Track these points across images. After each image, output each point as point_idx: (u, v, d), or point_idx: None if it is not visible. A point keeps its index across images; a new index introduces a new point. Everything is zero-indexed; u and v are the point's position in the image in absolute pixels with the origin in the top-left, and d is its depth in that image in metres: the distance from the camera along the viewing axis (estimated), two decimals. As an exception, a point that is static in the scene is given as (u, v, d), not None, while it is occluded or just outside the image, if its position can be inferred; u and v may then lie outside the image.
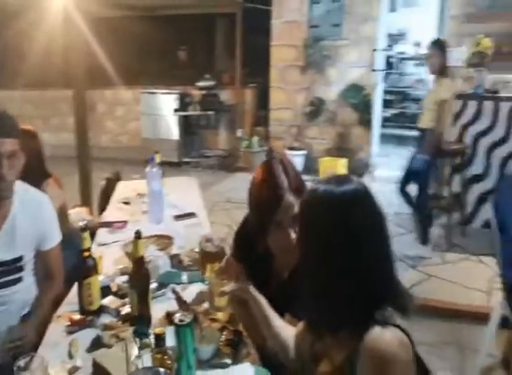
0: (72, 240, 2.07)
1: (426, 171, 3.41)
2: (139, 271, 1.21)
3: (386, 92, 6.43)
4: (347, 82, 5.46)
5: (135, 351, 1.11)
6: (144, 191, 2.41)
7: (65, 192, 2.15)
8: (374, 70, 5.28)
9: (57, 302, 1.53)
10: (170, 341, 1.10)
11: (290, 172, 1.17)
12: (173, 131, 6.20)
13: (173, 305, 1.37)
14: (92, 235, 1.83)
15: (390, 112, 7.31)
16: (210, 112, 6.16)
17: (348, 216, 0.85)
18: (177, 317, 1.03)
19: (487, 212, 1.97)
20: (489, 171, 3.62)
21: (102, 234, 1.98)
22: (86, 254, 1.27)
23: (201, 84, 6.22)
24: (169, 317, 1.27)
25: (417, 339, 0.87)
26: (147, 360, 1.09)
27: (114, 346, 1.14)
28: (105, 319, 1.30)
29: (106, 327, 1.23)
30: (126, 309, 1.31)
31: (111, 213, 2.27)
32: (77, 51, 3.44)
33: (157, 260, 1.52)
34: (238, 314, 1.23)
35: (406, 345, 0.83)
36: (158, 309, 1.31)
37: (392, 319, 0.85)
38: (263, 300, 1.12)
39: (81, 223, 1.31)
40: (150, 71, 6.88)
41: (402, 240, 3.49)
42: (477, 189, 3.67)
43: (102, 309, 1.32)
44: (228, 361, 1.12)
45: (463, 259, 3.24)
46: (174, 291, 1.43)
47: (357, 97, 5.39)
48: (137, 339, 1.15)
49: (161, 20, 6.30)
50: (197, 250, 1.69)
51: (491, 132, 3.58)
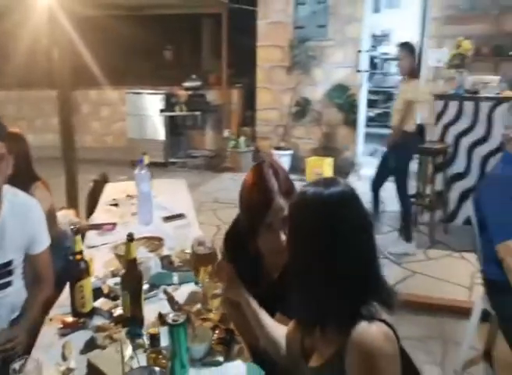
0: (60, 243, 2.07)
1: (401, 169, 3.46)
2: (131, 273, 1.23)
3: (371, 92, 6.53)
4: (333, 82, 5.53)
5: (129, 351, 1.13)
6: (133, 193, 2.42)
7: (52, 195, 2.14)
8: (359, 71, 5.36)
9: (46, 305, 1.54)
10: (163, 341, 1.12)
11: (280, 175, 1.20)
12: (159, 132, 6.18)
13: (165, 306, 1.39)
14: (81, 237, 1.83)
15: (375, 112, 7.42)
16: (196, 113, 6.15)
17: (336, 217, 0.89)
18: (170, 317, 1.05)
19: (468, 210, 2.03)
20: (470, 169, 3.73)
21: (91, 237, 1.98)
22: (78, 257, 1.28)
23: (188, 85, 6.21)
24: (162, 318, 1.29)
25: (402, 334, 0.91)
26: (141, 360, 1.11)
27: (108, 347, 1.16)
28: (98, 321, 1.31)
29: (99, 329, 1.25)
30: (119, 311, 1.32)
31: (99, 215, 2.27)
32: (62, 50, 3.40)
33: (148, 261, 1.54)
34: (230, 315, 1.25)
35: (391, 339, 0.86)
36: (150, 310, 1.33)
37: (378, 314, 0.88)
38: (254, 301, 1.15)
39: (72, 227, 1.31)
40: (135, 71, 6.83)
41: (387, 237, 3.56)
42: (458, 187, 3.77)
43: (94, 311, 1.33)
44: (220, 359, 1.14)
45: (446, 256, 3.33)
46: (166, 292, 1.45)
47: (343, 97, 5.46)
48: (131, 340, 1.17)
49: (146, 20, 6.27)
50: (188, 251, 1.71)
51: (471, 131, 3.68)
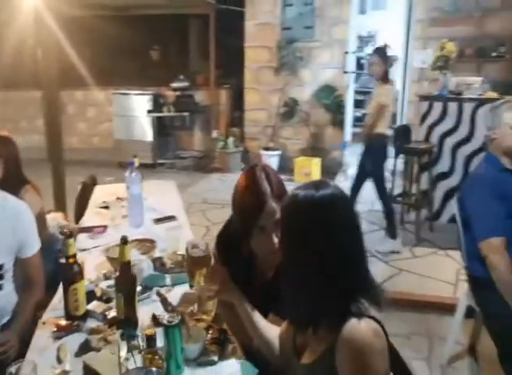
0: (50, 246, 2.06)
1: (378, 171, 3.53)
2: (125, 275, 1.24)
3: (357, 93, 6.61)
4: (320, 83, 5.58)
5: (124, 353, 1.14)
6: (123, 195, 2.42)
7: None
8: (345, 72, 5.42)
9: (37, 308, 1.54)
10: (158, 342, 1.14)
11: (273, 179, 1.23)
12: (147, 132, 6.15)
13: (158, 308, 1.40)
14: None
15: (362, 112, 7.49)
16: (185, 113, 6.15)
17: (327, 219, 0.92)
18: (166, 318, 1.07)
19: (453, 208, 2.09)
20: (455, 169, 3.82)
21: (82, 240, 1.98)
22: (71, 260, 1.29)
23: (175, 85, 6.20)
24: (155, 319, 1.31)
25: (389, 330, 0.94)
26: (137, 361, 1.13)
27: (102, 349, 1.17)
28: (92, 323, 1.32)
29: (93, 331, 1.26)
30: (112, 313, 1.33)
31: (89, 218, 2.26)
32: (48, 51, 3.37)
33: (141, 264, 1.55)
34: (224, 316, 1.28)
35: (380, 335, 0.90)
36: (144, 312, 1.34)
37: (367, 311, 0.92)
38: (248, 303, 1.18)
39: (66, 230, 1.32)
40: (122, 71, 6.79)
41: (374, 236, 3.63)
42: (443, 186, 3.86)
43: (88, 314, 1.34)
44: (215, 358, 1.16)
45: (431, 253, 3.41)
46: (159, 294, 1.46)
47: (330, 98, 5.53)
48: (126, 341, 1.19)
49: (133, 20, 6.24)
50: (180, 252, 1.73)
51: (455, 132, 3.78)
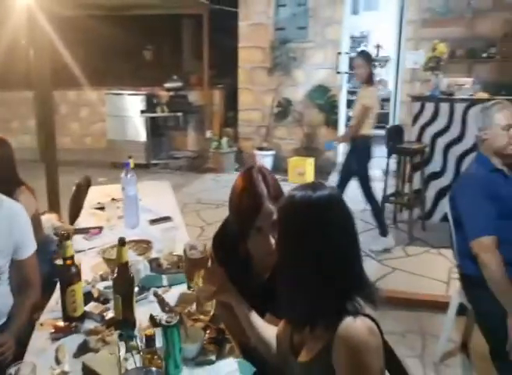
0: (45, 247, 2.06)
1: (362, 172, 3.55)
2: (123, 276, 1.25)
3: (350, 93, 6.64)
4: (313, 83, 5.61)
5: (123, 353, 1.15)
6: (118, 196, 2.42)
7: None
8: (338, 72, 5.46)
9: (32, 309, 1.55)
10: (157, 342, 1.15)
11: (269, 180, 1.24)
12: (140, 133, 6.14)
13: (155, 308, 1.41)
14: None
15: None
16: (178, 114, 6.14)
17: (324, 220, 0.94)
18: (164, 318, 1.09)
19: (445, 207, 2.13)
20: (446, 168, 3.87)
21: (78, 241, 1.98)
22: (69, 262, 1.29)
23: (169, 85, 6.19)
24: (153, 320, 1.32)
25: (384, 329, 0.97)
26: (136, 362, 1.14)
27: (101, 350, 1.18)
28: (90, 324, 1.32)
29: (91, 332, 1.26)
30: (110, 314, 1.34)
31: (85, 219, 2.26)
32: (41, 51, 3.35)
33: (137, 264, 1.56)
34: (222, 316, 1.29)
35: (375, 333, 0.92)
36: (141, 312, 1.35)
37: (362, 309, 0.94)
38: (245, 303, 1.19)
39: (63, 232, 1.32)
40: (115, 71, 6.77)
41: (367, 235, 3.66)
42: (435, 185, 3.91)
43: (86, 315, 1.35)
44: (213, 358, 1.18)
45: (424, 252, 3.46)
46: (156, 294, 1.47)
47: (323, 98, 5.56)
48: (124, 342, 1.19)
49: (126, 20, 6.21)
50: (176, 253, 1.75)
51: (447, 132, 3.83)
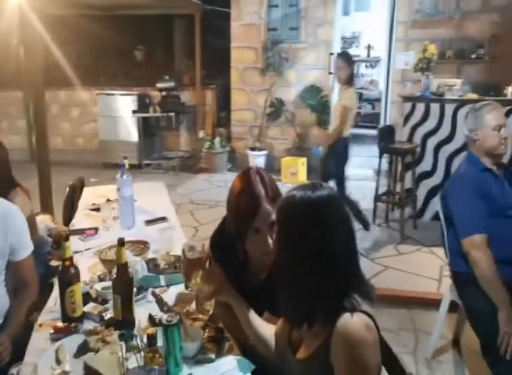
0: (40, 249, 2.06)
1: (340, 172, 3.61)
2: (123, 277, 1.26)
3: (342, 93, 6.69)
4: (305, 84, 5.65)
5: (123, 353, 1.17)
6: (113, 197, 2.42)
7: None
8: (330, 73, 5.50)
9: (29, 310, 1.55)
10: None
11: (267, 181, 1.26)
12: (132, 133, 6.12)
13: (154, 308, 1.42)
14: (60, 243, 1.82)
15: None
16: (170, 114, 6.13)
17: (323, 220, 0.97)
18: (165, 318, 1.10)
19: (436, 206, 2.17)
20: (437, 168, 3.94)
21: (74, 242, 1.97)
22: (68, 263, 1.30)
23: (161, 85, 6.18)
24: (152, 319, 1.34)
25: (380, 326, 1.00)
26: (135, 361, 1.15)
27: (101, 350, 1.19)
28: (89, 325, 1.33)
29: (91, 332, 1.27)
30: (109, 314, 1.35)
31: (80, 220, 2.26)
32: (32, 50, 3.32)
33: (135, 265, 1.57)
34: (221, 315, 1.31)
35: (372, 329, 0.95)
36: (140, 313, 1.36)
37: (359, 306, 0.96)
38: (244, 302, 1.21)
39: (63, 233, 1.33)
40: (107, 71, 6.74)
41: (360, 234, 3.70)
42: (426, 184, 3.98)
43: (85, 316, 1.35)
44: (212, 356, 1.20)
45: (415, 250, 3.51)
46: (154, 294, 1.49)
47: (315, 98, 5.60)
48: (124, 342, 1.21)
49: (118, 20, 6.19)
50: (173, 253, 1.76)
51: (438, 132, 3.89)
